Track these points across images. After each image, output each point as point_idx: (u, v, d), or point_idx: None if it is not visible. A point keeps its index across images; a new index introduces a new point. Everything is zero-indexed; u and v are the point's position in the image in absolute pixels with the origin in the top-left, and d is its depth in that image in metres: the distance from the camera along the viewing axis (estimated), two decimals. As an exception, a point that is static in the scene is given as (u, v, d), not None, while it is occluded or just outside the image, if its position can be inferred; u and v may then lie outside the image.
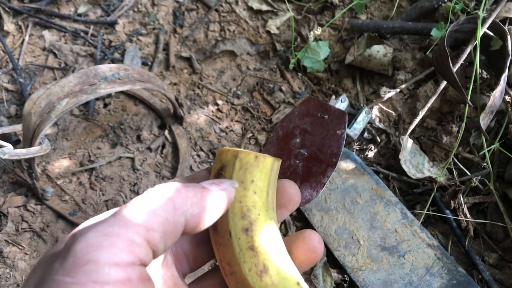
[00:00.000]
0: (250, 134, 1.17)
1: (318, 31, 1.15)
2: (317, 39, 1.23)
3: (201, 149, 1.15)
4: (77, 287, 0.28)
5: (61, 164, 1.10)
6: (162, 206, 0.33)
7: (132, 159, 1.11)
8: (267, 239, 0.38)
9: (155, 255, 0.33)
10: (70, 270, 0.29)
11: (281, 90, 1.22)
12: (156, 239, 0.32)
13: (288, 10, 1.32)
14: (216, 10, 1.35)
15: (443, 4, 1.19)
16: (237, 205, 0.38)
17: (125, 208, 0.32)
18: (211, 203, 0.35)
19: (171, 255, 0.41)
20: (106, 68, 0.98)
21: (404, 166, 1.05)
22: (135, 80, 1.01)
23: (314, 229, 1.03)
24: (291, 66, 1.23)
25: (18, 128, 1.01)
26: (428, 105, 1.08)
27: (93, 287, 0.28)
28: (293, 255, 0.41)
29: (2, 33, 1.25)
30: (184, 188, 0.35)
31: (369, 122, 1.13)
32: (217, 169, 0.40)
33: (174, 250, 0.42)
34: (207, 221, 0.36)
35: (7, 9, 1.28)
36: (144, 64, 1.26)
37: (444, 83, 1.08)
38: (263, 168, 0.40)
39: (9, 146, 0.92)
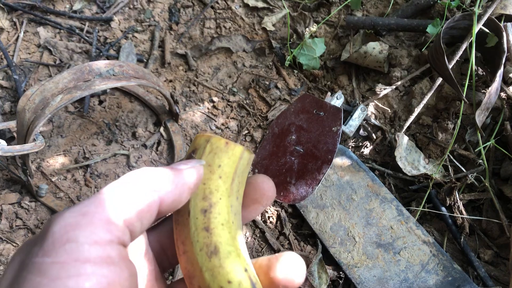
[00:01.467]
0: (246, 131, 1.16)
1: (314, 28, 1.14)
2: (313, 36, 1.23)
3: (197, 146, 1.14)
4: (58, 266, 0.28)
5: (56, 161, 1.09)
6: (135, 186, 0.33)
7: (127, 156, 1.11)
8: (224, 223, 0.39)
9: (132, 235, 0.33)
10: (50, 250, 0.29)
11: (277, 87, 1.22)
12: (132, 217, 0.32)
13: (284, 7, 1.32)
14: (212, 7, 1.34)
15: (438, 1, 1.18)
16: (200, 187, 0.39)
17: (100, 191, 0.33)
18: (182, 179, 0.36)
19: (151, 250, 0.41)
20: (101, 64, 0.98)
21: (399, 163, 1.05)
22: (130, 77, 1.00)
23: (310, 226, 1.03)
24: (287, 63, 1.23)
25: (12, 124, 1.00)
26: (424, 102, 1.08)
27: (74, 265, 0.28)
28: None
29: (-3, 30, 1.25)
30: (155, 169, 0.36)
31: (364, 119, 1.13)
32: (189, 152, 0.41)
33: (154, 245, 0.42)
34: (181, 199, 0.36)
35: (1, 5, 1.27)
36: (139, 61, 1.26)
37: (439, 80, 1.08)
38: (232, 155, 0.40)
39: (2, 142, 0.91)
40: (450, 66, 1.02)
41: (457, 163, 1.04)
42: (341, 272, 0.99)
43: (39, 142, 0.95)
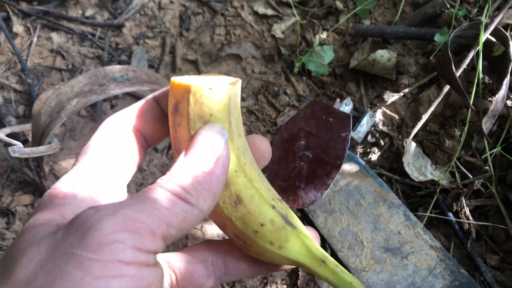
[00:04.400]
0: (255, 136, 1.18)
1: (323, 35, 1.16)
2: (321, 43, 1.25)
3: (207, 151, 1.16)
4: (101, 265, 0.29)
5: (68, 163, 1.11)
6: (182, 204, 0.34)
7: (139, 160, 1.13)
8: (237, 169, 0.39)
9: (166, 243, 0.35)
10: (95, 247, 0.29)
11: (285, 93, 1.24)
12: (173, 234, 0.34)
13: (293, 14, 1.34)
14: (222, 14, 1.37)
15: (446, 10, 1.21)
16: None
17: (152, 196, 0.33)
18: (216, 189, 0.36)
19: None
20: (115, 69, 1.00)
21: (407, 169, 1.07)
22: (143, 81, 1.02)
23: (318, 230, 1.04)
24: (296, 69, 1.25)
25: (27, 127, 1.02)
26: (431, 109, 1.10)
27: (117, 266, 0.29)
28: None
29: (11, 35, 1.27)
30: (198, 184, 0.36)
31: (372, 125, 1.15)
32: (173, 104, 0.39)
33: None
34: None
35: (16, 11, 1.30)
36: (150, 66, 1.28)
37: (447, 88, 1.10)
38: (220, 99, 0.38)
39: (19, 144, 0.93)
40: (457, 74, 1.03)
41: (464, 170, 1.06)
42: (349, 276, 1.00)
43: (54, 145, 0.97)
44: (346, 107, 1.14)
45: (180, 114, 0.38)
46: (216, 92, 0.37)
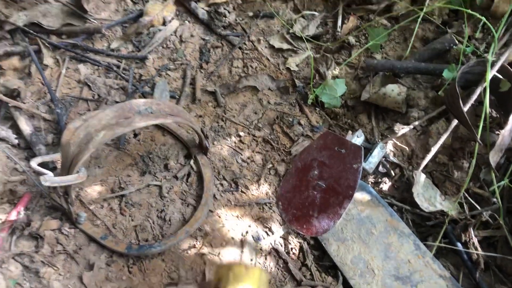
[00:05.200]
0: (270, 165, 1.24)
1: (336, 71, 1.22)
2: (334, 77, 1.31)
3: (224, 178, 1.22)
4: None
5: (94, 190, 1.17)
6: None
7: (160, 187, 1.19)
8: None
9: None
10: None
11: (299, 123, 1.29)
12: None
13: (307, 49, 1.41)
14: (240, 48, 1.44)
15: (454, 47, 1.26)
16: None
17: None
18: None
19: None
20: (139, 102, 1.07)
21: (417, 199, 1.11)
22: (166, 114, 1.09)
23: (331, 258, 1.08)
24: (309, 101, 1.31)
25: (57, 157, 1.09)
26: (440, 141, 1.14)
27: None
28: None
29: (42, 66, 1.35)
30: None
31: (383, 157, 1.19)
32: (216, 281, 0.51)
33: None
34: None
35: (46, 44, 1.38)
36: (172, 97, 1.35)
37: (455, 121, 1.15)
38: (252, 276, 0.50)
39: (49, 173, 1.00)
40: (465, 109, 1.08)
41: (472, 201, 1.09)
42: (360, 303, 1.04)
43: (82, 174, 1.04)
44: (357, 138, 1.19)
45: None
46: (250, 271, 0.50)
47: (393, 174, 1.18)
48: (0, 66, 1.34)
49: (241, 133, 1.29)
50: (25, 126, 1.23)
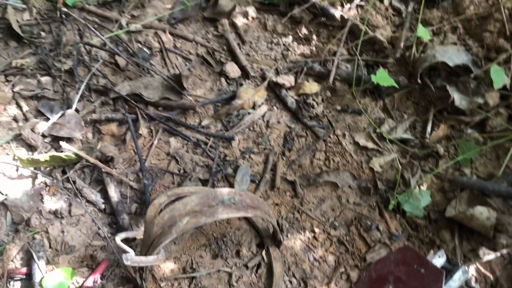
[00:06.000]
0: (343, 269, 1.21)
1: (422, 181, 1.20)
2: (419, 186, 1.28)
3: (294, 276, 1.20)
4: None
5: (167, 267, 1.20)
6: None
7: (230, 274, 1.19)
8: None
9: None
10: None
11: (378, 228, 1.27)
12: None
13: (393, 151, 1.40)
14: (324, 140, 1.45)
15: (553, 174, 1.20)
16: None
17: None
18: None
19: None
20: (223, 192, 1.10)
21: (499, 338, 1.03)
22: (247, 207, 1.11)
23: None
24: (390, 207, 1.28)
25: (139, 235, 1.13)
26: (531, 278, 1.07)
27: None
28: None
29: (136, 135, 1.44)
30: None
31: (465, 282, 1.13)
32: None
33: None
34: None
35: (144, 115, 1.48)
36: (252, 181, 1.37)
37: (550, 258, 1.07)
38: None
39: (131, 252, 1.04)
40: None
41: None
42: None
43: (161, 256, 1.07)
44: (439, 259, 1.14)
45: None
46: None
47: (474, 303, 1.11)
48: (100, 131, 1.44)
49: (316, 229, 1.28)
50: (113, 193, 1.30)
